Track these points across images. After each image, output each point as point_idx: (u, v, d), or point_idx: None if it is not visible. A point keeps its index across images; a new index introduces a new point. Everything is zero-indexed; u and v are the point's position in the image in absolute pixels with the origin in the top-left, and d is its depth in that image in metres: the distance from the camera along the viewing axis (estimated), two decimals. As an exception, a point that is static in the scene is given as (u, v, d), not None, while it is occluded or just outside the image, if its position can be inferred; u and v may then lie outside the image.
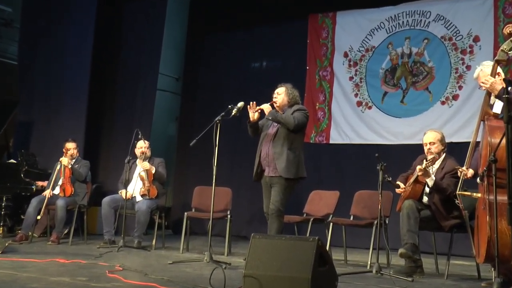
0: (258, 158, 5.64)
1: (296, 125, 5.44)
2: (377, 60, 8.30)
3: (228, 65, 9.56)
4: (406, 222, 5.02)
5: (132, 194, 7.02)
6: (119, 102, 9.33)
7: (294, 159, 5.45)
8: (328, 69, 8.65)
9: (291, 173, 5.42)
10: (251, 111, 5.56)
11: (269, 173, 5.53)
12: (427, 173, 5.11)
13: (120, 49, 9.49)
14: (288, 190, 5.47)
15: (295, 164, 5.45)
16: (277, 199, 5.41)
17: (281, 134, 5.50)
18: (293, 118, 5.44)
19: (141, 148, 7.18)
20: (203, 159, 8.91)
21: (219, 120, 5.43)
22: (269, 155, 5.50)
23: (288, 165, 5.40)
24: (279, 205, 5.40)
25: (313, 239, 3.60)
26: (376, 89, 8.25)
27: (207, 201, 6.88)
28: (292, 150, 5.46)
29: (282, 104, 5.66)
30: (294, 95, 5.71)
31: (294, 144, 5.50)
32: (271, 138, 5.54)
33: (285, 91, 5.69)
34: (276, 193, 5.44)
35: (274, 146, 5.49)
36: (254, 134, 5.74)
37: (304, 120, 5.55)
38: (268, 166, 5.54)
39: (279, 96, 5.69)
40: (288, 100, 5.67)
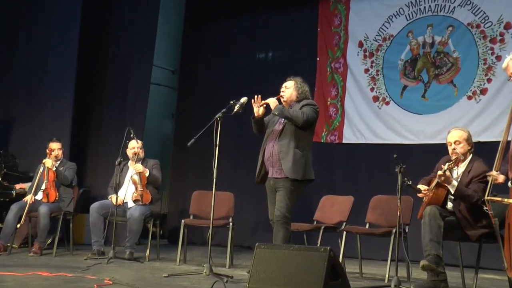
0: (262, 157, 5.64)
1: (305, 120, 5.42)
2: (396, 51, 8.28)
3: (230, 56, 9.56)
4: (428, 231, 5.00)
5: (123, 200, 7.01)
6: (109, 98, 9.34)
7: (301, 158, 5.44)
8: (341, 60, 8.64)
9: (298, 174, 5.41)
10: (256, 106, 5.55)
11: (274, 174, 5.51)
12: (448, 178, 5.07)
13: (109, 38, 9.50)
14: (295, 194, 5.45)
15: (302, 165, 5.43)
16: (282, 204, 5.39)
17: (288, 131, 5.49)
18: (302, 113, 5.43)
19: (134, 149, 7.18)
20: (202, 160, 8.91)
21: (220, 117, 5.42)
22: (274, 154, 5.49)
23: (294, 165, 5.39)
24: (285, 211, 5.38)
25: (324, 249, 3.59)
26: (395, 82, 8.23)
27: (207, 207, 6.86)
28: (300, 149, 5.45)
29: (290, 99, 5.66)
30: (304, 90, 5.70)
31: (302, 142, 5.48)
32: (277, 135, 5.53)
33: (294, 85, 5.68)
34: (281, 197, 5.42)
35: (280, 145, 5.48)
36: (259, 131, 5.74)
37: (314, 116, 5.53)
38: (272, 166, 5.53)
39: (287, 90, 5.68)
40: (297, 95, 5.66)
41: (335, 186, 8.09)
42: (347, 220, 6.46)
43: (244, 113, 5.84)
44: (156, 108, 10.48)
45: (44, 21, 9.22)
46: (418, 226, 5.30)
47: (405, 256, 5.49)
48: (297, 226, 6.30)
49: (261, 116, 5.61)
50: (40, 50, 9.17)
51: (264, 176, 5.65)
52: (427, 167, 5.76)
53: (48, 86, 9.05)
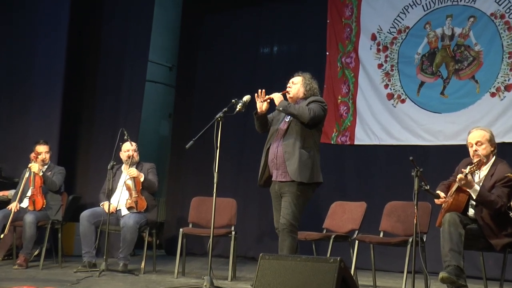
0: (265, 158, 5.63)
1: (311, 117, 5.41)
2: (412, 44, 8.28)
3: (232, 51, 9.56)
4: (448, 240, 4.99)
5: (116, 207, 7.02)
6: (101, 97, 9.34)
7: (308, 160, 5.42)
8: (352, 55, 8.64)
9: (305, 176, 5.39)
10: (259, 101, 5.55)
11: (278, 178, 5.50)
12: (470, 182, 5.05)
13: (101, 31, 9.51)
14: (301, 199, 5.43)
15: (308, 166, 5.42)
16: (288, 211, 5.38)
17: (293, 130, 5.48)
18: (308, 109, 5.42)
19: (128, 151, 7.18)
20: (202, 164, 8.92)
21: (221, 117, 5.42)
22: (279, 156, 5.49)
23: (300, 167, 5.38)
24: (290, 219, 5.36)
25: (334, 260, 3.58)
26: (411, 78, 8.23)
27: (207, 214, 6.86)
28: (306, 150, 5.44)
29: (296, 95, 5.66)
30: (312, 87, 5.71)
31: (308, 142, 5.47)
32: (281, 135, 5.53)
33: (302, 81, 5.69)
34: (287, 204, 5.41)
35: (284, 145, 5.46)
36: (261, 129, 5.74)
37: (322, 113, 5.52)
38: (276, 169, 5.52)
39: (294, 86, 5.68)
40: (304, 92, 5.67)
41: (346, 192, 8.09)
42: (359, 228, 6.45)
43: (247, 112, 5.85)
44: (152, 108, 10.49)
45: (29, 13, 9.21)
46: (437, 234, 5.30)
47: (423, 268, 5.47)
48: (305, 235, 6.29)
49: (265, 112, 5.61)
50: (25, 44, 9.17)
51: (268, 179, 5.64)
52: (446, 170, 5.75)
53: (34, 84, 9.06)
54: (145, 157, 7.70)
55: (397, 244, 6.06)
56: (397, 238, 6.15)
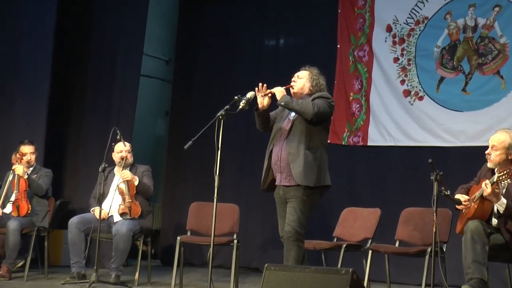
0: (268, 160, 5.63)
1: (315, 113, 5.38)
2: (431, 36, 8.26)
3: (235, 44, 9.56)
4: (470, 250, 4.98)
5: (108, 213, 7.03)
6: (91, 93, 9.34)
7: (314, 161, 5.41)
8: (365, 47, 8.63)
9: (310, 179, 5.38)
10: (260, 96, 5.55)
11: (282, 182, 5.50)
12: (497, 195, 5.03)
13: (92, 22, 9.51)
14: (308, 205, 5.42)
15: (315, 168, 5.40)
16: (294, 218, 5.37)
17: (298, 129, 5.47)
18: (312, 105, 5.41)
19: (121, 153, 7.19)
20: (201, 166, 8.91)
21: (222, 116, 5.42)
22: (282, 158, 5.48)
23: (306, 170, 5.36)
24: (296, 226, 5.35)
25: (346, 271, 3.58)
26: (430, 73, 8.21)
27: (207, 221, 6.86)
28: (311, 150, 5.42)
29: (301, 91, 5.65)
30: (319, 83, 5.70)
31: (314, 142, 5.46)
32: (285, 135, 5.52)
33: (308, 76, 5.69)
34: (292, 210, 5.40)
35: (288, 146, 5.46)
36: (263, 127, 5.73)
37: (327, 110, 5.51)
38: (280, 172, 5.51)
39: (300, 80, 5.68)
40: (310, 87, 5.66)
41: (358, 197, 8.08)
42: (373, 236, 6.46)
43: (251, 110, 5.84)
44: (147, 105, 10.49)
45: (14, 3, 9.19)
46: (458, 244, 5.29)
47: (443, 280, 5.47)
48: (314, 244, 6.29)
49: (266, 108, 5.60)
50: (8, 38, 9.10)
51: (272, 182, 5.64)
52: (468, 174, 5.75)
53: (18, 80, 9.00)
54: (139, 158, 7.70)
55: (414, 254, 6.06)
56: (414, 248, 6.14)
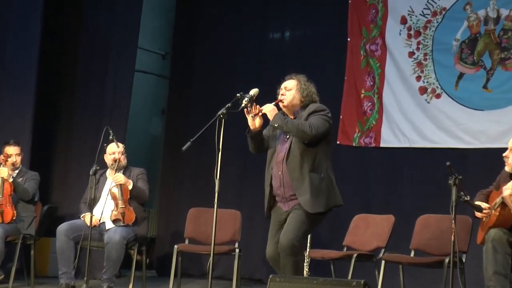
0: (269, 188, 5.55)
1: (313, 136, 5.32)
2: (450, 28, 8.23)
3: (236, 37, 9.55)
4: (492, 261, 4.97)
5: (99, 219, 7.02)
6: (82, 90, 9.33)
7: (321, 183, 5.34)
8: (378, 41, 8.62)
9: (320, 205, 5.32)
10: (250, 117, 5.48)
11: (287, 208, 5.44)
12: None
13: (82, 14, 9.51)
14: (311, 221, 5.36)
15: (323, 191, 5.34)
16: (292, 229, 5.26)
17: (296, 149, 5.39)
18: (309, 126, 5.32)
19: (113, 154, 7.19)
20: (200, 169, 8.91)
21: (223, 114, 5.40)
22: (285, 183, 5.40)
23: (313, 196, 5.29)
24: (293, 239, 5.23)
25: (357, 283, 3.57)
26: (448, 69, 8.19)
27: (207, 229, 6.86)
28: (317, 172, 5.36)
29: (291, 103, 5.57)
30: (310, 92, 5.63)
31: (317, 160, 5.39)
32: (283, 157, 5.44)
33: (296, 86, 5.61)
34: (293, 220, 5.31)
35: (290, 170, 5.37)
36: (258, 149, 5.66)
37: (326, 126, 5.42)
38: (285, 200, 5.44)
39: (288, 93, 5.60)
40: (301, 98, 5.59)
41: (370, 202, 8.07)
42: (386, 246, 6.45)
43: (255, 108, 5.83)
44: (142, 103, 10.49)
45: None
46: (478, 254, 5.28)
47: (462, 293, 5.46)
48: (322, 254, 6.28)
49: (259, 129, 5.53)
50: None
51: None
52: (489, 178, 5.74)
53: (3, 75, 9.03)
54: (134, 161, 7.70)
55: (431, 265, 6.05)
56: (431, 258, 6.14)
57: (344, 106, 8.58)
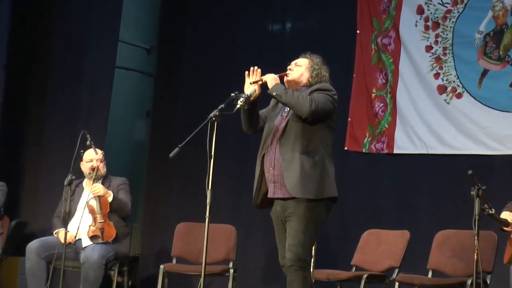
0: (260, 168, 5.60)
1: (312, 111, 5.30)
2: (472, 19, 8.24)
3: (231, 29, 9.56)
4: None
5: (75, 236, 7.03)
6: (55, 89, 9.35)
7: (313, 168, 5.34)
8: (391, 33, 8.62)
9: (309, 190, 5.30)
10: (249, 83, 5.50)
11: (276, 193, 5.46)
12: None
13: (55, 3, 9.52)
14: (312, 223, 5.35)
15: (314, 177, 5.34)
16: (295, 241, 5.30)
17: (292, 129, 5.41)
18: (309, 100, 5.33)
19: (91, 162, 7.20)
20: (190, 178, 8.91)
21: (216, 117, 5.41)
22: (276, 165, 5.44)
23: (302, 179, 5.29)
24: (300, 252, 5.28)
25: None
26: (470, 65, 8.19)
27: (197, 246, 6.87)
28: (310, 155, 5.36)
29: (297, 80, 5.63)
30: (321, 74, 5.66)
31: (313, 143, 5.40)
32: (279, 136, 5.49)
33: (308, 65, 5.66)
34: (293, 231, 5.33)
35: (282, 149, 5.41)
36: (250, 126, 5.68)
37: (328, 106, 5.43)
38: (274, 181, 5.47)
39: (297, 69, 5.65)
40: (309, 78, 5.64)
41: (382, 216, 8.06)
42: (400, 265, 6.46)
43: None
44: (124, 103, 10.48)
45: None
46: (505, 275, 5.30)
47: (486, 319, 5.49)
48: (328, 274, 6.29)
49: (254, 100, 5.56)
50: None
51: (266, 196, 5.59)
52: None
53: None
54: (114, 169, 7.72)
55: (451, 287, 6.05)
56: (451, 280, 6.16)
57: (353, 107, 8.57)
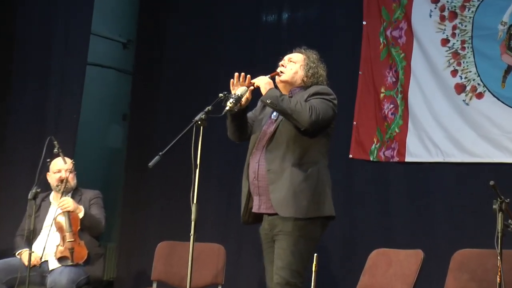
0: (246, 179, 5.61)
1: (313, 122, 5.33)
2: (494, 8, 8.25)
3: (219, 20, 9.58)
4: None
5: (41, 257, 7.04)
6: (17, 89, 9.34)
7: (305, 182, 5.36)
8: (402, 25, 8.64)
9: (299, 208, 5.32)
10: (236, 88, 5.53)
11: (261, 207, 5.49)
12: None
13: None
14: (303, 243, 5.37)
15: (305, 192, 5.35)
16: (283, 263, 5.32)
17: (283, 134, 5.43)
18: (309, 108, 5.33)
19: (59, 173, 7.21)
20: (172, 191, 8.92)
21: (202, 120, 5.42)
22: (260, 174, 5.46)
23: (290, 195, 5.31)
24: (287, 275, 5.30)
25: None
26: (493, 61, 8.20)
27: (181, 269, 6.89)
28: (302, 167, 5.39)
29: (290, 81, 5.66)
30: (317, 73, 5.70)
31: (308, 153, 5.43)
32: (265, 142, 5.50)
33: (303, 62, 5.69)
34: (281, 251, 5.35)
35: (268, 158, 5.42)
36: (239, 134, 5.71)
37: (329, 114, 5.47)
38: (259, 194, 5.50)
39: (291, 66, 5.66)
40: (304, 77, 5.67)
41: (392, 234, 8.09)
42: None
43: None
44: (98, 105, 10.49)
45: None
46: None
47: None
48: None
49: (244, 107, 5.58)
50: None
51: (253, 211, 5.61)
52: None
53: None
54: (86, 181, 7.72)
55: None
56: (471, 305, 6.19)
57: (359, 110, 8.59)
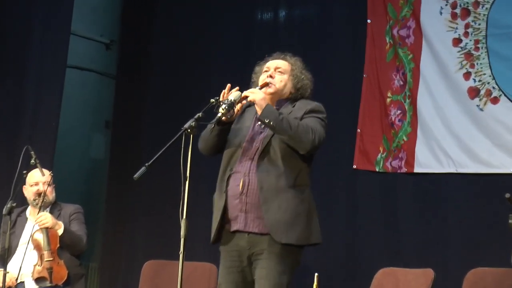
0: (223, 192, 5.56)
1: (315, 147, 5.39)
2: (510, 5, 8.27)
3: (212, 18, 9.60)
4: None
5: (17, 278, 7.04)
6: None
7: (301, 206, 5.39)
8: (410, 23, 8.65)
9: (293, 234, 5.34)
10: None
11: (248, 226, 5.43)
12: None
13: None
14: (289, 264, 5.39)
15: (302, 217, 5.38)
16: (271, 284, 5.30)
17: (277, 149, 5.41)
18: (311, 131, 5.35)
19: (36, 186, 7.21)
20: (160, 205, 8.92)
21: (192, 128, 5.43)
22: (250, 189, 5.42)
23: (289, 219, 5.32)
24: None
25: None
26: (509, 63, 8.21)
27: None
28: (299, 189, 5.41)
29: (280, 93, 5.69)
30: (304, 84, 5.74)
31: (301, 176, 5.46)
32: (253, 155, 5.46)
33: (290, 71, 5.72)
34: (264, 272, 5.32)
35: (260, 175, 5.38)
36: (215, 150, 5.71)
37: (324, 136, 5.49)
38: (246, 211, 5.43)
39: (280, 77, 5.68)
40: (292, 89, 5.70)
41: (401, 251, 8.09)
42: (423, 312, 6.50)
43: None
44: (78, 112, 10.50)
45: None
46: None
47: None
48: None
49: (233, 120, 5.60)
50: None
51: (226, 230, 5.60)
52: None
53: None
54: (65, 194, 7.73)
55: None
56: (486, 329, 6.19)
57: (363, 116, 8.59)
